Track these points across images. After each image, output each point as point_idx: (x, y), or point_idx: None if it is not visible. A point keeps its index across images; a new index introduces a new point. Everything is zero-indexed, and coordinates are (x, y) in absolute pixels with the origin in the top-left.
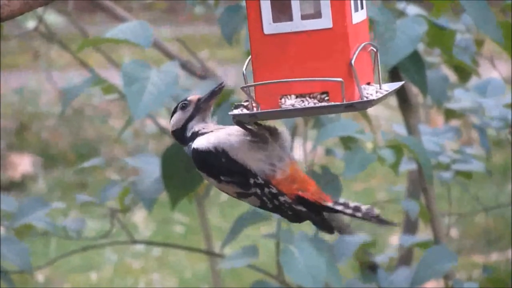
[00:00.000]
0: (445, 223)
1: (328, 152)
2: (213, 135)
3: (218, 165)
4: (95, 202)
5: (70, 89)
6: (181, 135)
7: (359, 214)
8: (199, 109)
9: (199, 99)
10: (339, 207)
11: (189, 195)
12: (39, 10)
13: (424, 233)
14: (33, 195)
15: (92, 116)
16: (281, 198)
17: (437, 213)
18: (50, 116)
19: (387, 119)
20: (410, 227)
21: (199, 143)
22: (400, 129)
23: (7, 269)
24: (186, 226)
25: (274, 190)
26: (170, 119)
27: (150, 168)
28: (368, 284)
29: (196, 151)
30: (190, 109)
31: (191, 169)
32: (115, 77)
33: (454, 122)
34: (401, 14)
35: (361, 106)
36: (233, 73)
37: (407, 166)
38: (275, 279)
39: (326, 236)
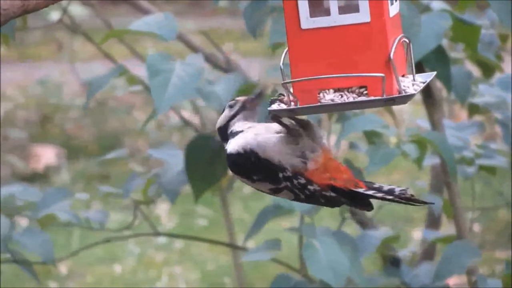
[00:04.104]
0: (468, 218)
1: (352, 146)
2: (242, 136)
3: (249, 165)
4: (118, 193)
5: (95, 80)
6: (224, 132)
7: (389, 197)
8: (244, 108)
9: (246, 99)
10: (370, 192)
11: (212, 188)
12: (63, 2)
13: (447, 228)
14: (56, 187)
15: (115, 108)
16: (311, 187)
17: (460, 208)
18: (73, 108)
19: (410, 113)
20: (433, 222)
21: (230, 147)
22: (424, 123)
23: (29, 260)
24: (209, 219)
25: (302, 180)
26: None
27: (174, 161)
28: (390, 278)
29: (229, 156)
30: (235, 108)
31: (214, 162)
32: (138, 69)
33: (478, 117)
34: (426, 9)
35: (402, 100)
36: (256, 66)
37: (431, 160)
38: (298, 272)
39: (349, 231)
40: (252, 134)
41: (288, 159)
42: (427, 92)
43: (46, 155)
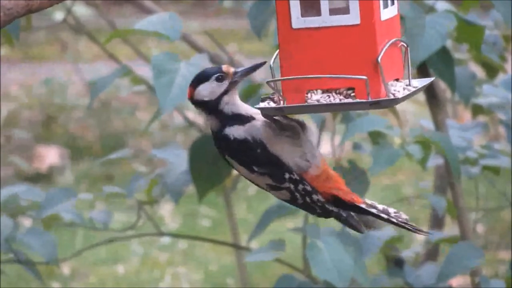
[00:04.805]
0: (471, 218)
1: (356, 147)
2: (252, 124)
3: (253, 156)
4: (122, 194)
5: (99, 80)
6: (213, 107)
7: (393, 220)
8: (235, 83)
9: (235, 72)
10: (373, 210)
11: (216, 188)
12: (68, 2)
13: (450, 229)
14: (60, 187)
15: (119, 108)
16: (315, 197)
17: (464, 209)
18: (77, 108)
19: (414, 114)
20: (437, 223)
21: (235, 130)
22: (428, 124)
23: (33, 260)
24: (213, 219)
25: (308, 188)
26: (196, 86)
27: (178, 161)
28: (394, 279)
29: (231, 139)
30: (226, 83)
31: (218, 162)
32: (142, 70)
33: (482, 118)
34: (430, 9)
35: (386, 104)
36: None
37: (435, 161)
38: (302, 273)
39: (353, 231)
40: (263, 125)
41: (296, 161)
42: (431, 93)
43: (50, 155)
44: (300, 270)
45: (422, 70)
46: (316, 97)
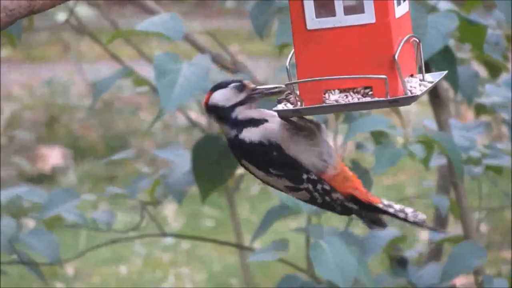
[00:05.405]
0: (475, 218)
1: (359, 146)
2: (265, 127)
3: (269, 158)
4: (125, 194)
5: (101, 81)
6: (225, 113)
7: (411, 219)
8: (251, 99)
9: (254, 89)
10: (391, 210)
11: (219, 188)
12: (70, 2)
13: (454, 228)
14: (63, 188)
15: (122, 109)
16: (334, 195)
17: (467, 208)
18: (80, 108)
19: (417, 114)
20: (440, 222)
21: (250, 134)
22: (431, 124)
23: (36, 261)
24: (216, 219)
25: (327, 187)
26: (212, 92)
27: (180, 161)
28: (397, 279)
29: (247, 142)
30: (243, 95)
31: (221, 163)
32: (144, 70)
33: (485, 117)
34: (433, 9)
35: (405, 102)
36: (263, 67)
37: (437, 161)
38: (305, 273)
39: (356, 231)
40: (278, 127)
41: (313, 161)
42: (434, 93)
43: (53, 156)
44: (303, 270)
45: (424, 70)
46: (334, 97)
